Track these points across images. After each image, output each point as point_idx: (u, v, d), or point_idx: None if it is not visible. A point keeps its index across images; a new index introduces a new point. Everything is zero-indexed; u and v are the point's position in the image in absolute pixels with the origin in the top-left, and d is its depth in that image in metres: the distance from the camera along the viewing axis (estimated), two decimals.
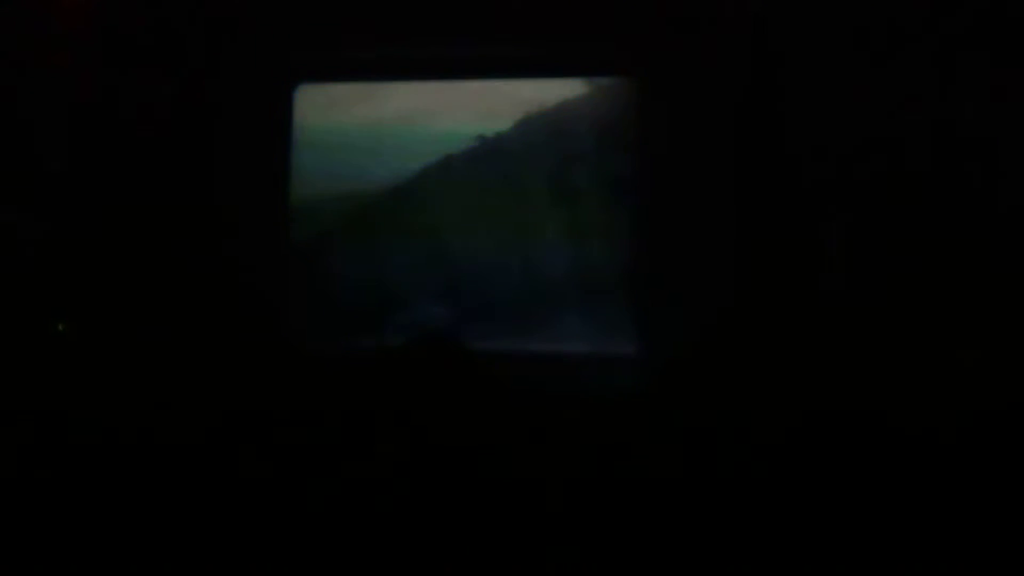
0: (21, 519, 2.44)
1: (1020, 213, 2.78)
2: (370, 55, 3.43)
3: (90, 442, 2.90)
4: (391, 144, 3.46)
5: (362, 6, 3.33)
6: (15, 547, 2.42)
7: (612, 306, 3.32)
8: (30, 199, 3.28)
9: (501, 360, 3.10)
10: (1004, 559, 2.29)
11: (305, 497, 2.81)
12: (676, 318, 3.09)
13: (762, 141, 3.07)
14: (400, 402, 2.93)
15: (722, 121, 3.13)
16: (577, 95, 3.45)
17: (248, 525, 2.76)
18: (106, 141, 3.37)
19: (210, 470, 2.89)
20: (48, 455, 2.91)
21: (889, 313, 2.87)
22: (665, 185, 3.19)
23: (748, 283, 3.02)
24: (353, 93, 3.52)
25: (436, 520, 2.76)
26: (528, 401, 2.96)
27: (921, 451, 2.60)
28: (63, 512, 2.69)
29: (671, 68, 3.20)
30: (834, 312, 2.92)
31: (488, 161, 3.45)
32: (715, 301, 3.04)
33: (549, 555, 2.51)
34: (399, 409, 2.91)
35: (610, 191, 3.35)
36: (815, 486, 2.61)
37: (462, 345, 3.09)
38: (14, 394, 2.87)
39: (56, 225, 3.30)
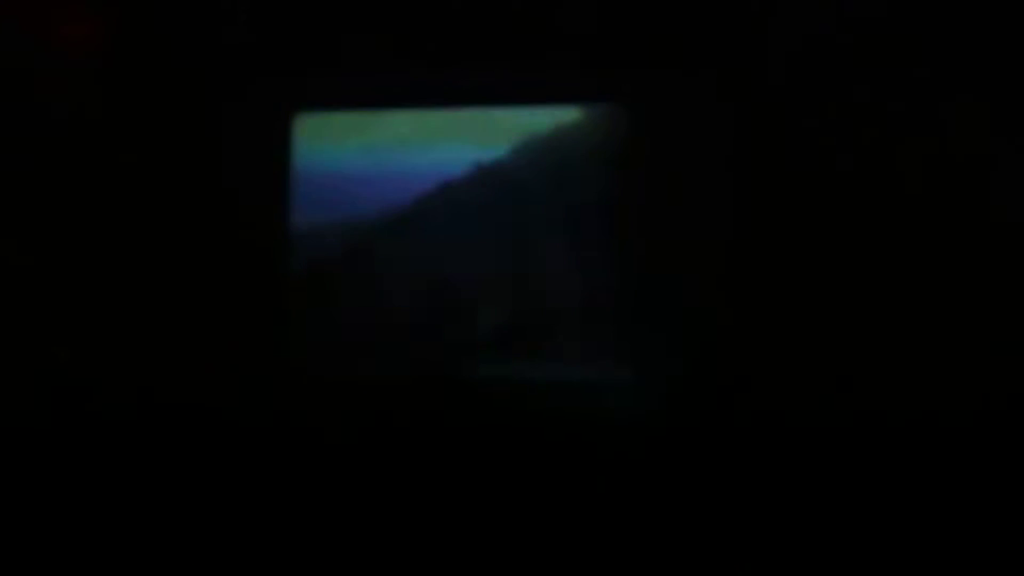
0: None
1: (1011, 228, 2.82)
2: (368, 83, 3.44)
3: (85, 464, 2.95)
4: (389, 171, 3.47)
5: (360, 34, 3.35)
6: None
7: (608, 331, 3.31)
8: (29, 224, 3.28)
9: (498, 386, 3.20)
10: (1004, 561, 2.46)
11: (301, 521, 2.88)
12: (673, 343, 3.10)
13: (758, 167, 3.08)
14: (399, 428, 3.06)
15: (718, 148, 3.14)
16: (572, 121, 3.47)
17: (239, 552, 2.81)
18: (103, 166, 3.37)
19: (206, 499, 2.95)
20: (46, 480, 2.95)
21: (886, 338, 2.88)
22: (660, 211, 3.20)
23: (745, 308, 3.02)
24: (351, 120, 3.54)
25: (434, 544, 2.81)
26: (525, 426, 3.05)
27: (917, 479, 2.65)
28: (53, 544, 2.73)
29: (665, 95, 3.22)
30: (830, 338, 2.93)
31: (485, 187, 3.45)
32: (712, 326, 3.05)
33: None
34: (398, 434, 3.05)
35: (606, 217, 3.35)
36: (813, 509, 2.74)
37: (460, 371, 3.18)
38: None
39: (55, 252, 3.30)
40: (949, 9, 2.89)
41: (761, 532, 2.73)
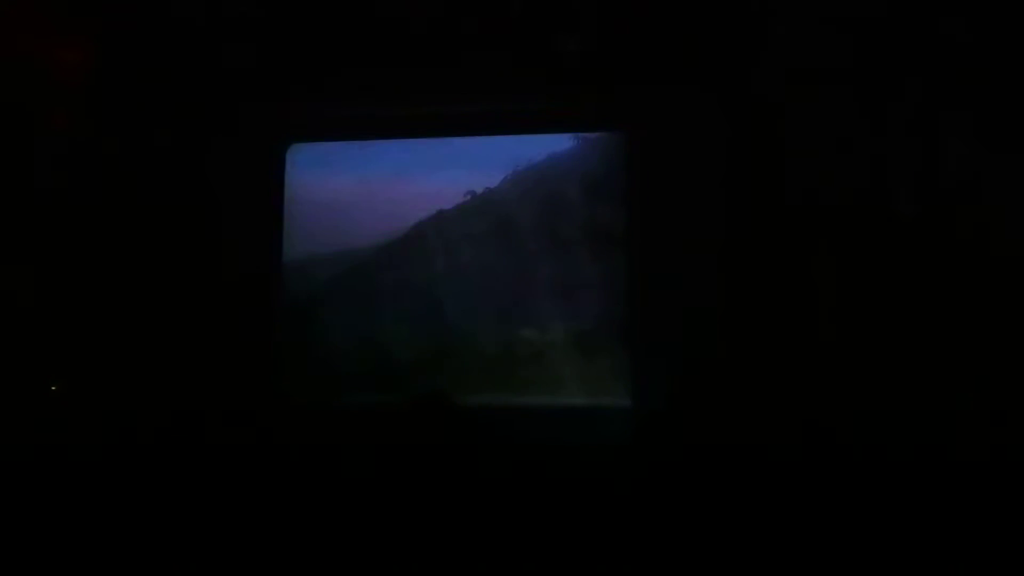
0: None
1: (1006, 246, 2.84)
2: (361, 113, 3.44)
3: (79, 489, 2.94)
4: (383, 200, 3.48)
5: (353, 65, 3.35)
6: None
7: (605, 359, 3.31)
8: (26, 258, 3.25)
9: (494, 414, 3.17)
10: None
11: (300, 550, 2.86)
12: (669, 370, 3.08)
13: (751, 194, 3.09)
14: (394, 456, 3.00)
15: (710, 175, 3.14)
16: (566, 150, 3.50)
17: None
18: (98, 197, 3.36)
19: (196, 526, 2.92)
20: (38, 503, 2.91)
21: (882, 363, 2.87)
22: (655, 238, 3.19)
23: (740, 335, 3.01)
24: (344, 151, 3.55)
25: (432, 571, 2.77)
26: (523, 454, 3.01)
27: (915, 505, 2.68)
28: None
29: (659, 122, 3.22)
30: (827, 363, 2.92)
31: (479, 216, 3.48)
32: (708, 353, 3.03)
33: None
34: (393, 463, 2.99)
35: (600, 244, 3.36)
36: (808, 535, 2.71)
37: (457, 401, 3.12)
38: None
39: (52, 283, 3.26)
40: (939, 28, 2.92)
41: (755, 556, 2.71)
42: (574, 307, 3.37)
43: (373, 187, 3.50)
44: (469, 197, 3.53)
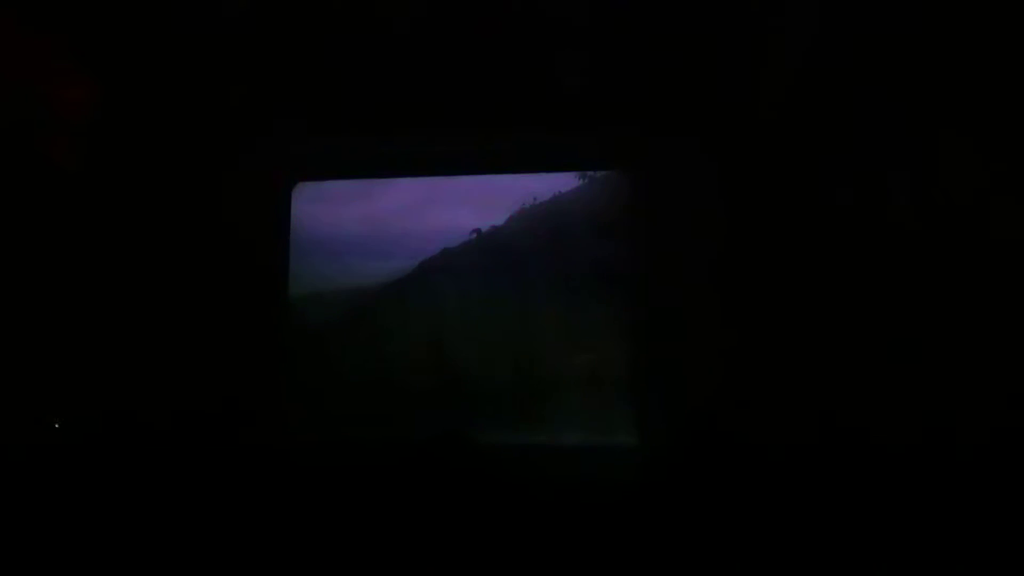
0: None
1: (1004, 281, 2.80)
2: (367, 152, 3.46)
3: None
4: (388, 239, 3.48)
5: (358, 104, 3.36)
6: None
7: (613, 397, 3.29)
8: (29, 287, 3.23)
9: (505, 453, 3.11)
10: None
11: None
12: (676, 409, 3.07)
13: (758, 232, 3.09)
14: (400, 493, 2.95)
15: (717, 213, 3.14)
16: (572, 188, 3.50)
17: None
18: (102, 234, 3.36)
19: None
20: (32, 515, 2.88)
21: (890, 401, 2.86)
22: (662, 277, 3.19)
23: (749, 374, 3.00)
24: (350, 189, 3.55)
25: None
26: (534, 493, 2.98)
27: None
28: None
29: (666, 161, 3.23)
30: (831, 404, 2.92)
31: (485, 254, 3.47)
32: (715, 392, 3.02)
33: None
34: (399, 500, 2.94)
35: (607, 283, 3.35)
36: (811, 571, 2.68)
37: (471, 440, 3.07)
38: None
39: (55, 323, 3.24)
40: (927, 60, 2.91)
41: None
42: (582, 345, 3.36)
43: (379, 224, 3.50)
44: (475, 235, 3.52)
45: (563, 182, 3.49)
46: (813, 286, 3.00)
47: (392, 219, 3.51)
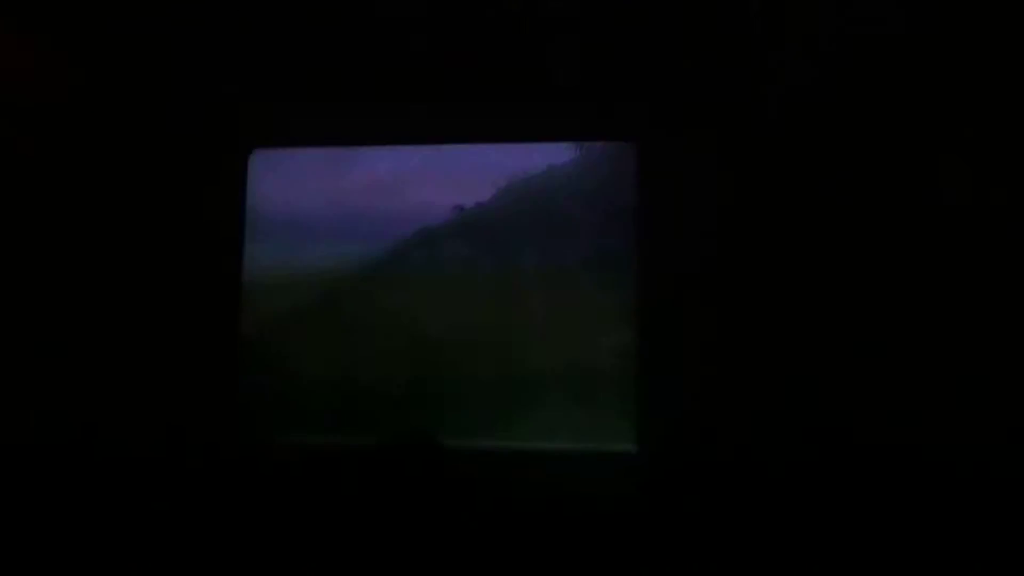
0: None
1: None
2: (334, 117, 3.20)
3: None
4: (358, 217, 3.23)
5: (324, 63, 3.12)
6: None
7: (607, 397, 3.07)
8: None
9: (481, 459, 2.97)
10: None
11: None
12: (676, 411, 2.89)
13: (770, 215, 2.92)
14: (374, 503, 2.82)
15: (728, 192, 2.94)
16: (566, 162, 3.23)
17: None
18: (41, 209, 3.06)
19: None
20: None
21: (885, 409, 2.77)
22: (665, 262, 2.97)
23: (753, 373, 2.86)
24: (315, 159, 3.28)
25: None
26: (512, 504, 2.85)
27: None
28: None
29: (674, 131, 2.99)
30: (834, 409, 2.81)
31: (467, 236, 3.23)
32: (718, 393, 2.86)
33: None
34: (371, 508, 2.81)
35: (604, 269, 3.12)
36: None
37: (439, 445, 2.92)
38: None
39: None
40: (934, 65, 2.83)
41: None
42: (575, 338, 3.12)
43: (348, 201, 3.26)
44: (457, 213, 3.25)
45: (558, 154, 3.22)
46: (813, 286, 2.90)
47: (363, 195, 3.26)
